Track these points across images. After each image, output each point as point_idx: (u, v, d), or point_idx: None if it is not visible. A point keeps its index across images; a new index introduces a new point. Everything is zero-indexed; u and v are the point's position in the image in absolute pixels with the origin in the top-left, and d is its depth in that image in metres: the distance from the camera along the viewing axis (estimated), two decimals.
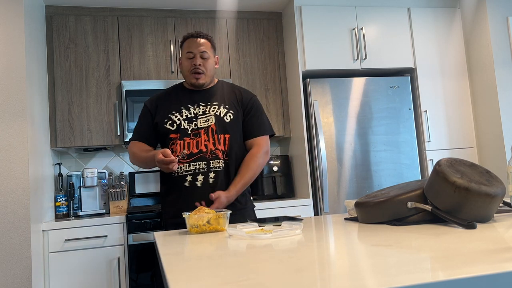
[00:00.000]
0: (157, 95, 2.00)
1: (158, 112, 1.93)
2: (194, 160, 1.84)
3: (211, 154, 1.86)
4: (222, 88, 1.99)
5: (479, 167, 1.26)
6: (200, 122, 1.88)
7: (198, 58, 1.90)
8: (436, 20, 3.43)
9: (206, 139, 1.86)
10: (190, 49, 1.91)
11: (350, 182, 3.07)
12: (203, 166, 1.84)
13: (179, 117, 1.90)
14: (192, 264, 0.88)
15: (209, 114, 1.90)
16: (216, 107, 1.92)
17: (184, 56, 1.93)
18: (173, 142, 1.87)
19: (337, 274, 0.71)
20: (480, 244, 0.86)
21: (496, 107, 3.17)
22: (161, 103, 1.95)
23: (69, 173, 3.10)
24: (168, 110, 1.92)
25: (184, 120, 1.88)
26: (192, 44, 1.92)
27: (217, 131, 1.87)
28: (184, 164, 1.84)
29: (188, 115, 1.90)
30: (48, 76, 2.97)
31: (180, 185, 1.85)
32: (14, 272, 2.35)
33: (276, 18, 3.44)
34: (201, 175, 1.84)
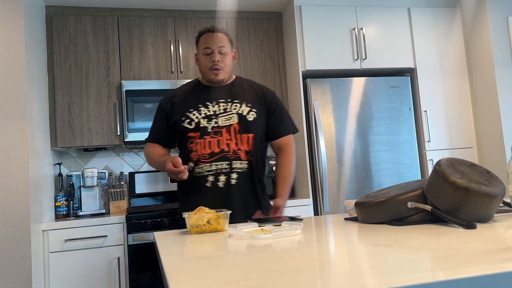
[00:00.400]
0: (172, 93, 1.93)
1: (174, 111, 1.85)
2: (216, 160, 1.77)
3: (233, 154, 1.78)
4: (241, 84, 1.92)
5: (479, 167, 1.26)
6: (221, 120, 1.80)
7: (217, 54, 1.83)
8: (436, 20, 3.43)
9: (228, 138, 1.79)
10: (208, 44, 1.83)
11: (350, 182, 3.07)
12: (225, 167, 1.77)
13: (197, 115, 1.82)
14: (192, 264, 0.88)
15: (231, 112, 1.82)
16: (238, 105, 1.84)
17: (201, 52, 1.85)
18: (191, 141, 1.80)
19: (337, 274, 0.71)
20: (480, 244, 0.86)
21: (496, 107, 3.17)
22: (177, 100, 1.87)
23: (69, 173, 3.10)
24: (185, 108, 1.84)
25: (203, 118, 1.81)
26: (209, 39, 1.84)
27: (240, 130, 1.80)
28: (206, 164, 1.77)
29: (207, 112, 1.82)
30: (48, 76, 2.97)
31: (201, 185, 1.77)
32: (14, 272, 2.35)
33: (276, 18, 3.44)
34: (223, 176, 1.77)
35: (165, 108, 1.88)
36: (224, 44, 1.85)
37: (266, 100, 1.90)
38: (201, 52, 1.86)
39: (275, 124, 1.90)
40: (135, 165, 3.33)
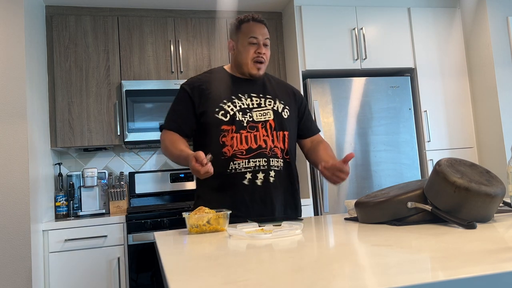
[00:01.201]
0: (196, 79, 1.78)
1: (204, 99, 1.70)
2: (254, 156, 1.66)
3: (270, 151, 1.69)
4: (269, 80, 1.84)
5: (479, 167, 1.26)
6: (256, 115, 1.70)
7: (262, 46, 1.72)
8: (436, 20, 3.43)
9: (265, 134, 1.70)
10: (255, 34, 1.71)
11: (350, 182, 3.07)
12: (264, 164, 1.67)
13: (232, 107, 1.69)
14: (192, 264, 0.88)
15: (265, 108, 1.73)
16: (271, 101, 1.76)
17: (246, 40, 1.71)
18: (224, 135, 1.67)
19: (337, 274, 0.71)
20: (480, 244, 0.86)
21: (496, 107, 3.17)
22: (206, 88, 1.72)
23: (69, 173, 3.10)
24: (218, 98, 1.70)
25: (238, 111, 1.69)
26: (256, 29, 1.72)
27: (275, 127, 1.72)
28: (243, 160, 1.66)
29: (242, 105, 1.70)
30: (48, 76, 2.97)
31: (238, 182, 1.65)
32: (14, 272, 2.35)
33: (276, 18, 3.44)
34: (262, 173, 1.67)
35: (191, 94, 1.71)
36: (269, 36, 1.77)
37: (297, 99, 1.86)
38: (244, 41, 1.72)
39: (308, 123, 1.89)
40: (135, 165, 3.33)
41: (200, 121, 1.71)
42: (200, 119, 1.71)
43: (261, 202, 1.67)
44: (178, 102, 1.75)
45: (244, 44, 1.73)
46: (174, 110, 1.75)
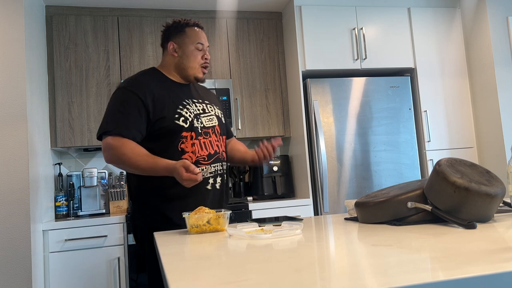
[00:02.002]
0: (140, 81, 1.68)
1: (157, 104, 1.63)
2: (213, 161, 1.71)
3: (222, 155, 1.77)
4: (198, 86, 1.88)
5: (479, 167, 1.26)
6: (205, 120, 1.72)
7: (207, 52, 1.78)
8: (436, 20, 3.43)
9: (216, 139, 1.74)
10: (201, 40, 1.75)
11: (350, 182, 3.07)
12: (220, 168, 1.74)
13: (188, 112, 1.67)
14: (192, 264, 0.88)
15: (210, 114, 1.76)
16: (211, 106, 1.80)
17: (193, 45, 1.74)
18: (183, 141, 1.64)
19: (337, 274, 0.71)
20: (480, 244, 0.86)
21: (496, 107, 3.17)
22: (156, 93, 1.65)
23: (69, 173, 3.10)
24: (173, 103, 1.66)
25: (194, 117, 1.68)
26: (201, 35, 1.76)
27: (220, 132, 1.79)
28: (206, 166, 1.68)
29: (194, 111, 1.70)
30: (48, 76, 2.97)
31: (201, 187, 1.66)
32: (14, 272, 2.35)
33: (276, 18, 3.44)
34: (219, 177, 1.74)
35: (143, 99, 1.62)
36: None
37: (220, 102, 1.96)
38: (191, 46, 1.74)
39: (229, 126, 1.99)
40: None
41: (155, 128, 1.63)
42: (155, 125, 1.63)
43: (218, 204, 1.73)
44: (127, 106, 1.61)
45: (191, 49, 1.74)
46: (123, 114, 1.60)
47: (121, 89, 1.66)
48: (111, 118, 1.61)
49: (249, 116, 3.26)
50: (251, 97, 3.29)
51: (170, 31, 1.78)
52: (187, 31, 1.75)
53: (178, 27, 1.76)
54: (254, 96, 3.29)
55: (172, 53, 1.76)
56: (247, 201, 3.04)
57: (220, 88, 3.15)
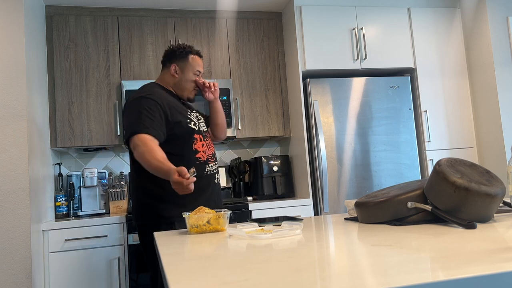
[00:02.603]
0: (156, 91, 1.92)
1: (173, 111, 1.89)
2: (215, 160, 2.02)
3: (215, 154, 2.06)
4: None
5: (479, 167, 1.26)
6: (202, 126, 2.02)
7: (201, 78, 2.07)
8: (436, 20, 3.43)
9: (210, 142, 2.05)
10: (199, 68, 2.04)
11: (350, 182, 3.07)
12: (216, 167, 2.04)
13: (194, 118, 1.98)
14: (192, 264, 0.88)
15: (201, 120, 2.05)
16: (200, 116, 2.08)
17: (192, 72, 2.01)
18: (195, 142, 1.93)
19: (337, 274, 0.71)
20: (480, 244, 0.86)
21: (496, 107, 3.17)
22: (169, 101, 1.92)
23: (69, 173, 3.10)
24: (183, 110, 1.96)
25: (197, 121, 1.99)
26: (200, 64, 2.05)
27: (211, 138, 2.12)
28: (213, 163, 1.98)
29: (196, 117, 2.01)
30: (48, 76, 2.97)
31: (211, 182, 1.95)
32: (14, 272, 2.35)
33: (276, 18, 3.44)
34: (217, 174, 2.03)
35: (162, 106, 1.85)
36: None
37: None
38: (191, 72, 2.01)
39: None
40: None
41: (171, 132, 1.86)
42: (171, 129, 1.86)
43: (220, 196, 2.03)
44: (151, 110, 1.82)
45: (190, 75, 2.01)
46: (149, 117, 1.81)
47: (141, 97, 1.86)
48: (138, 120, 1.80)
49: (249, 116, 3.26)
50: (251, 97, 3.29)
51: (174, 54, 2.02)
52: (190, 58, 2.01)
53: (182, 53, 2.01)
54: (254, 96, 3.29)
55: (173, 74, 2.01)
56: (247, 201, 3.04)
57: (220, 88, 3.15)
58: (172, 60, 2.01)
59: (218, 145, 3.51)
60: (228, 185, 3.42)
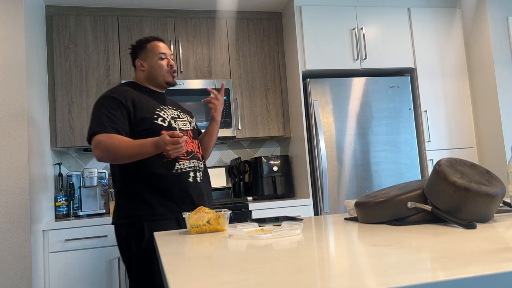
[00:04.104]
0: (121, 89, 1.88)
1: (137, 107, 1.82)
2: (191, 158, 1.90)
3: (197, 154, 1.95)
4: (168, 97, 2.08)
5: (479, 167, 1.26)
6: (180, 124, 1.93)
7: (171, 59, 1.99)
8: (436, 20, 3.43)
9: (191, 141, 1.94)
10: (162, 50, 1.97)
11: (350, 182, 3.07)
12: (197, 164, 1.92)
13: (166, 114, 1.88)
14: (192, 264, 0.88)
15: (183, 119, 1.97)
16: (184, 114, 2.01)
17: (156, 57, 1.95)
18: None
19: (337, 274, 0.71)
20: (480, 244, 0.86)
21: (496, 107, 3.17)
22: (135, 97, 1.85)
23: (69, 173, 3.10)
24: (151, 106, 1.86)
25: (171, 119, 1.89)
26: (161, 47, 1.98)
27: (193, 137, 1.98)
28: (186, 161, 1.86)
29: (171, 114, 1.91)
30: (48, 76, 2.97)
31: (183, 180, 1.83)
32: (14, 272, 2.35)
33: (276, 18, 3.44)
34: (198, 172, 1.91)
35: (124, 102, 1.81)
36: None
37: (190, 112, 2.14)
38: (155, 58, 1.95)
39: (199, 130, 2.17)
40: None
41: (136, 129, 1.80)
42: (136, 126, 1.81)
43: (202, 196, 1.89)
44: (111, 109, 1.79)
45: (155, 60, 1.95)
46: (108, 116, 1.76)
47: (104, 97, 1.85)
48: (98, 121, 1.78)
49: (249, 116, 3.26)
50: (251, 97, 3.29)
51: (135, 50, 2.00)
52: (148, 46, 1.97)
53: (140, 45, 1.99)
54: (254, 96, 3.29)
55: (141, 68, 1.98)
56: (247, 201, 3.04)
57: (220, 88, 3.15)
58: (135, 57, 1.99)
59: (218, 145, 3.51)
60: (228, 185, 3.41)
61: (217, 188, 3.38)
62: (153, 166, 1.78)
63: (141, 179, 1.81)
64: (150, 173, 1.79)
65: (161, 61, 1.95)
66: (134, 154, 1.71)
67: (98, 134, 1.74)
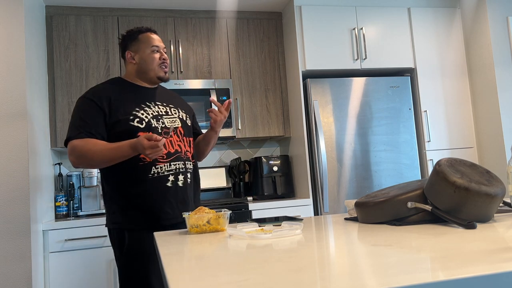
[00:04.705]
0: (99, 89, 1.79)
1: (114, 108, 1.73)
2: (173, 159, 1.77)
3: (184, 155, 1.83)
4: (165, 91, 1.96)
5: (479, 167, 1.26)
6: (167, 121, 1.80)
7: (164, 53, 1.87)
8: (436, 20, 3.43)
9: (178, 140, 1.81)
10: (155, 43, 1.85)
11: (350, 182, 3.07)
12: (182, 166, 1.80)
13: (145, 114, 1.76)
14: (192, 264, 0.88)
15: (172, 116, 1.84)
16: (175, 109, 1.88)
17: (148, 49, 1.83)
18: None
19: (337, 274, 0.71)
20: (480, 244, 0.86)
21: (496, 107, 3.17)
22: (113, 97, 1.75)
23: (69, 173, 3.10)
24: (129, 106, 1.74)
25: (152, 118, 1.76)
26: (155, 39, 1.87)
27: (184, 134, 1.86)
28: (165, 164, 1.74)
29: (153, 112, 1.78)
30: (48, 76, 2.97)
31: (161, 185, 1.73)
32: (14, 272, 2.35)
33: (276, 18, 3.44)
34: (182, 175, 1.79)
35: (99, 104, 1.72)
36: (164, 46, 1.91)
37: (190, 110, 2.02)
38: (147, 50, 1.83)
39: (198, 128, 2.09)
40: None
41: (112, 131, 1.72)
42: (112, 129, 1.72)
43: (184, 201, 1.79)
44: (85, 112, 1.72)
45: (147, 53, 1.83)
46: (83, 121, 1.70)
47: (80, 99, 1.78)
48: (72, 125, 1.73)
49: (249, 116, 3.26)
50: (251, 97, 3.29)
51: (125, 41, 1.88)
52: (141, 38, 1.85)
53: (131, 36, 1.87)
54: (254, 96, 3.29)
55: (131, 61, 1.86)
56: (247, 201, 3.04)
57: (220, 88, 3.15)
58: (126, 48, 1.87)
59: (218, 145, 3.51)
60: (228, 185, 3.42)
61: (217, 188, 3.38)
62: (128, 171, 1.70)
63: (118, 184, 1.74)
64: (125, 178, 1.72)
65: (153, 54, 1.83)
66: (110, 158, 1.66)
67: (72, 139, 1.69)
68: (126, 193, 1.73)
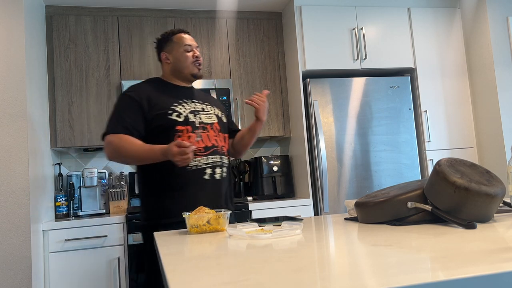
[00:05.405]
0: (139, 86, 1.88)
1: (153, 103, 1.80)
2: (211, 153, 1.84)
3: (221, 149, 1.90)
4: (199, 90, 2.05)
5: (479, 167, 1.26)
6: (203, 117, 1.87)
7: (197, 51, 1.95)
8: (436, 20, 3.43)
9: (215, 135, 1.88)
10: (188, 42, 1.94)
11: (350, 182, 3.07)
12: (219, 160, 1.87)
13: (183, 109, 1.83)
14: (192, 264, 0.88)
15: (209, 112, 1.91)
16: (211, 107, 1.96)
17: (181, 49, 1.92)
18: (179, 135, 1.79)
19: (337, 274, 0.71)
20: (480, 244, 0.86)
21: (496, 107, 3.17)
22: (152, 94, 1.83)
23: (69, 173, 3.10)
24: (168, 101, 1.83)
25: (189, 113, 1.83)
26: (187, 38, 1.96)
27: (220, 130, 1.93)
28: (202, 157, 1.81)
29: (190, 108, 1.86)
30: (48, 76, 2.97)
31: (198, 177, 1.79)
32: (14, 272, 2.35)
33: (276, 18, 3.44)
34: (218, 168, 1.86)
35: (139, 100, 1.80)
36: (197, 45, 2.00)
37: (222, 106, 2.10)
38: (180, 49, 1.93)
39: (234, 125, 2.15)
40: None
41: (152, 126, 1.79)
42: (151, 123, 1.79)
43: (219, 194, 1.87)
44: (124, 109, 1.80)
45: (180, 52, 1.93)
46: (121, 116, 1.78)
47: (120, 96, 1.87)
48: (111, 120, 1.80)
49: (249, 116, 3.26)
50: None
51: (160, 44, 1.99)
52: (174, 38, 1.95)
53: (165, 38, 1.97)
54: None
55: (166, 61, 1.96)
56: (247, 201, 3.04)
57: (220, 88, 3.15)
58: (161, 50, 1.97)
59: None
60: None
61: None
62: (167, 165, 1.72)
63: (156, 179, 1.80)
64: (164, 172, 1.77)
65: (186, 53, 1.92)
66: (142, 158, 1.73)
67: (109, 134, 1.76)
68: (165, 187, 1.79)
